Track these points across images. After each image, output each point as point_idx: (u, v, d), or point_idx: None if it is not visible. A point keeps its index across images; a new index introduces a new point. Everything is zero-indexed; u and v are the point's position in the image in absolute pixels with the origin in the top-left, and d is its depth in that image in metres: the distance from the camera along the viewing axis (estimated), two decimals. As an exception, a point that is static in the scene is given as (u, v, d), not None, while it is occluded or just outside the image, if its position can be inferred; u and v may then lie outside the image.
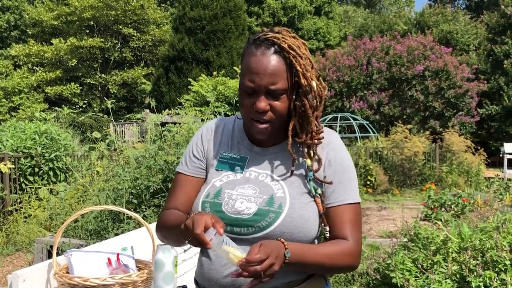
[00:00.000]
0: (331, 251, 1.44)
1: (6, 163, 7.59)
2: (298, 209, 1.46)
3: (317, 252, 1.43)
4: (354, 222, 1.49)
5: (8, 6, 31.06)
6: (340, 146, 1.56)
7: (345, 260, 1.46)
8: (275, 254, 1.30)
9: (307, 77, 1.44)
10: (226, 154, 1.60)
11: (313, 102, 1.47)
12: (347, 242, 1.46)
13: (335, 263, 1.45)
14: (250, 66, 1.44)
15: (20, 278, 2.08)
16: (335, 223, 1.49)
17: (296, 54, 1.43)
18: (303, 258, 1.39)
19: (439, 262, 3.48)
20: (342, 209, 1.49)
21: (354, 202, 1.51)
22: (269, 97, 1.44)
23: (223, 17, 21.68)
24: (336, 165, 1.52)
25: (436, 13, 24.80)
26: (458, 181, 12.27)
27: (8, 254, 6.69)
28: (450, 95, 18.59)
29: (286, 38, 1.45)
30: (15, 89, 24.50)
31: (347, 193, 1.50)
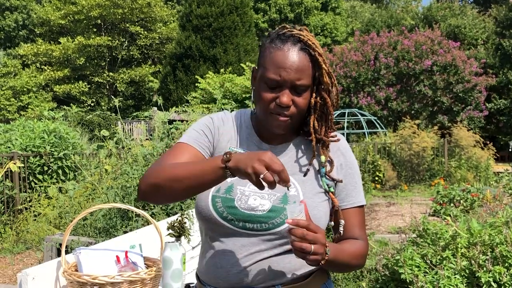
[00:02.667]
0: (354, 251, 1.52)
1: (15, 162, 7.63)
2: (311, 208, 1.45)
3: (346, 252, 1.48)
4: (363, 224, 1.59)
5: (16, 5, 31.22)
6: (349, 150, 1.61)
7: (361, 260, 1.55)
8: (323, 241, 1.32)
9: (331, 75, 1.48)
10: (235, 149, 1.58)
11: (334, 99, 1.51)
12: (362, 243, 1.55)
13: (355, 263, 1.54)
14: (276, 60, 1.44)
15: (29, 276, 2.09)
16: (347, 225, 1.55)
17: (321, 52, 1.48)
18: (338, 257, 1.43)
19: (448, 258, 3.46)
20: (353, 211, 1.57)
21: (363, 204, 1.60)
22: (292, 92, 1.45)
23: (230, 14, 21.67)
24: (347, 168, 1.57)
25: (443, 8, 24.66)
26: (467, 176, 12.22)
27: (19, 252, 6.75)
28: (458, 89, 18.50)
29: (309, 37, 1.49)
30: (24, 88, 24.62)
31: (358, 195, 1.58)
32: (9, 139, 8.62)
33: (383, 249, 4.37)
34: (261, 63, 1.50)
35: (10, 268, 6.13)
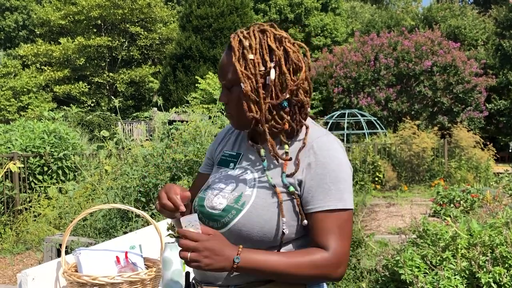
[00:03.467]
0: (298, 261, 1.39)
1: (15, 163, 7.63)
2: (260, 208, 1.43)
3: (279, 260, 1.38)
4: (335, 231, 1.41)
5: (16, 6, 31.22)
6: (325, 150, 1.47)
7: (318, 270, 1.40)
8: (213, 247, 1.34)
9: (237, 67, 1.44)
10: (227, 151, 1.65)
11: (250, 89, 1.44)
12: (321, 252, 1.40)
13: (301, 273, 1.39)
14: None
15: (29, 276, 2.09)
16: (314, 231, 1.43)
17: (243, 46, 1.46)
18: (261, 266, 1.37)
19: (448, 259, 3.46)
20: (321, 216, 1.42)
21: (335, 208, 1.41)
22: (226, 91, 1.51)
23: (230, 15, 21.68)
24: (316, 169, 1.44)
25: (443, 8, 24.66)
26: (467, 177, 12.21)
27: (18, 253, 6.74)
28: (458, 90, 18.51)
29: (243, 33, 1.49)
30: (24, 89, 24.62)
31: (327, 199, 1.42)
32: (9, 139, 8.61)
33: (383, 249, 4.37)
34: None
35: (10, 268, 6.13)
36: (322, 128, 1.57)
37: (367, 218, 8.71)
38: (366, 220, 8.51)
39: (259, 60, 1.46)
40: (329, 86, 19.59)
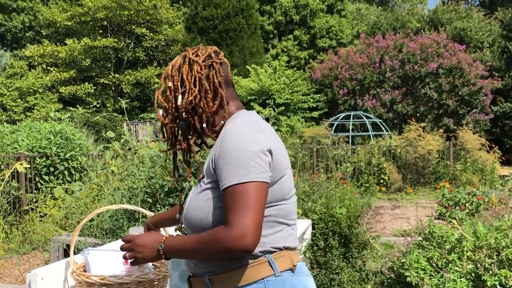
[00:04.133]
0: (203, 238, 1.50)
1: (22, 163, 7.67)
2: (192, 201, 1.63)
3: (186, 239, 1.56)
4: (231, 206, 1.47)
5: (23, 7, 31.34)
6: (227, 132, 1.59)
7: (217, 245, 1.46)
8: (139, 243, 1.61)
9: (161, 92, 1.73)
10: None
11: (165, 112, 1.71)
12: (222, 228, 1.47)
13: (206, 248, 1.48)
14: None
15: (38, 276, 2.11)
16: (223, 209, 1.52)
17: (165, 75, 1.72)
18: (175, 248, 1.56)
19: (454, 261, 3.46)
20: (223, 194, 1.51)
21: (230, 184, 1.49)
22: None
23: (235, 16, 21.68)
24: (219, 152, 1.55)
25: (449, 10, 24.62)
26: (472, 179, 12.19)
27: (25, 253, 6.78)
28: (464, 92, 18.47)
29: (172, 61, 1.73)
30: (30, 89, 24.71)
31: (224, 177, 1.51)
32: (16, 140, 8.66)
33: (388, 252, 4.37)
34: None
35: (16, 268, 6.16)
36: (241, 116, 1.67)
37: (372, 220, 8.70)
38: (371, 222, 8.51)
39: (174, 87, 1.70)
40: (334, 88, 19.59)
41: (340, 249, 4.42)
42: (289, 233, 1.61)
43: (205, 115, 1.66)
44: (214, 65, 1.68)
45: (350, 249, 4.47)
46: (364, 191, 11.71)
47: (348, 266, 4.36)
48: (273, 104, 17.99)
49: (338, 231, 4.51)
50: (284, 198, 1.60)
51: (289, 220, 1.61)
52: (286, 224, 1.60)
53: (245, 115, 1.66)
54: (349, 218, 4.57)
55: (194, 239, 1.54)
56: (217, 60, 1.70)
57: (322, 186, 7.27)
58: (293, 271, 1.59)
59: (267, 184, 1.52)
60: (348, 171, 12.22)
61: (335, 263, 4.30)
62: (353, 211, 4.71)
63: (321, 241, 4.46)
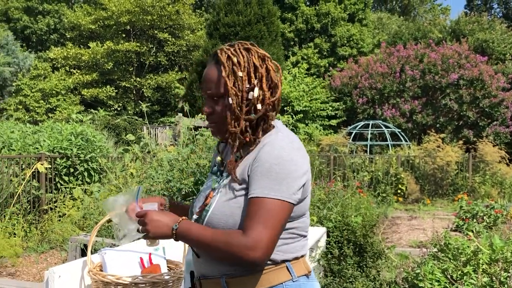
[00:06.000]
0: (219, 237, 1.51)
1: (43, 163, 7.80)
2: (220, 206, 1.59)
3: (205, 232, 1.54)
4: (254, 216, 1.49)
5: (48, 10, 31.84)
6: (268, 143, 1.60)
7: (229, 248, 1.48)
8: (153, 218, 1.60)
9: (227, 83, 1.59)
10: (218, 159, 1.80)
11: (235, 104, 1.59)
12: (238, 233, 1.50)
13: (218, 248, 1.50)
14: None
15: (56, 274, 2.17)
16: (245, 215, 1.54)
17: (232, 63, 1.60)
18: (189, 234, 1.56)
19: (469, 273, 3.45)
20: (249, 201, 1.53)
21: (259, 196, 1.51)
22: (211, 101, 1.65)
23: (257, 23, 21.77)
24: (255, 162, 1.57)
25: (472, 21, 24.40)
26: (491, 192, 12.06)
27: (43, 252, 6.88)
28: (484, 104, 18.28)
29: (231, 50, 1.63)
30: (53, 91, 25.06)
31: (255, 187, 1.53)
32: (38, 140, 8.80)
33: (403, 262, 4.36)
34: None
35: (34, 266, 6.26)
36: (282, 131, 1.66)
37: (388, 231, 8.66)
38: (387, 232, 8.46)
39: (246, 78, 1.61)
40: (353, 96, 19.53)
41: (355, 258, 4.42)
42: (305, 243, 1.68)
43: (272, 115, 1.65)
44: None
45: (364, 258, 4.47)
46: (381, 201, 11.65)
47: (362, 275, 4.36)
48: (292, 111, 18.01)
49: (353, 239, 4.51)
50: (305, 212, 1.67)
51: (306, 232, 1.68)
52: (304, 236, 1.67)
53: (285, 129, 1.69)
54: (364, 227, 4.57)
55: (210, 233, 1.54)
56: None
57: (338, 194, 7.26)
58: (308, 276, 1.65)
59: (293, 206, 1.56)
60: (365, 180, 12.17)
61: (349, 272, 4.30)
62: (369, 220, 4.71)
63: (336, 249, 4.47)
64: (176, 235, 1.58)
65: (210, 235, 1.53)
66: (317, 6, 25.54)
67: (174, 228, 1.57)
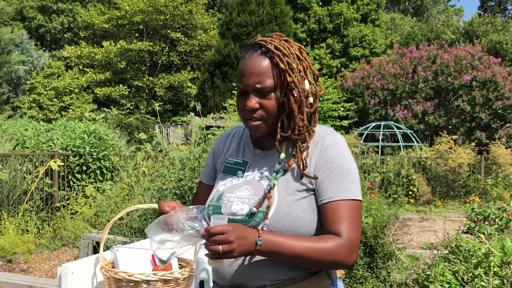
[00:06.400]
0: (317, 246, 1.44)
1: (56, 161, 7.87)
2: (285, 207, 1.50)
3: (299, 244, 1.43)
4: (348, 219, 1.48)
5: (62, 9, 32.11)
6: (333, 143, 1.56)
7: (333, 256, 1.45)
8: (238, 234, 1.38)
9: (291, 74, 1.49)
10: (231, 159, 1.68)
11: (298, 97, 1.50)
12: (336, 239, 1.46)
13: (319, 258, 1.44)
14: (240, 69, 1.54)
15: (69, 270, 2.19)
16: (328, 220, 1.49)
17: (283, 53, 1.50)
18: (280, 248, 1.42)
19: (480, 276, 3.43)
20: (334, 205, 1.49)
21: (347, 198, 1.50)
22: (258, 95, 1.51)
23: (269, 24, 21.79)
24: (327, 163, 1.53)
25: (485, 23, 24.23)
26: (503, 194, 11.96)
27: (55, 249, 6.95)
28: (497, 106, 18.13)
29: (274, 40, 1.52)
30: (66, 89, 25.29)
31: (339, 189, 1.50)
32: (51, 138, 8.89)
33: (414, 264, 4.35)
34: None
35: (46, 263, 6.32)
36: (327, 127, 1.64)
37: (399, 232, 8.63)
38: (398, 233, 8.44)
39: (301, 69, 1.53)
40: (365, 97, 19.48)
41: (365, 259, 4.42)
42: None
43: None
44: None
45: (375, 259, 4.47)
46: (392, 202, 11.60)
47: (373, 276, 4.36)
48: (304, 112, 17.96)
49: (364, 240, 4.51)
50: None
51: None
52: None
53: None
54: (375, 228, 4.56)
55: (302, 242, 1.45)
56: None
57: (349, 195, 7.22)
58: (340, 279, 1.67)
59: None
60: (376, 181, 12.13)
61: (359, 273, 4.30)
62: (380, 222, 4.70)
63: (346, 250, 4.46)
64: (259, 250, 1.42)
65: (302, 244, 1.44)
66: (329, 7, 25.51)
67: (258, 243, 1.41)
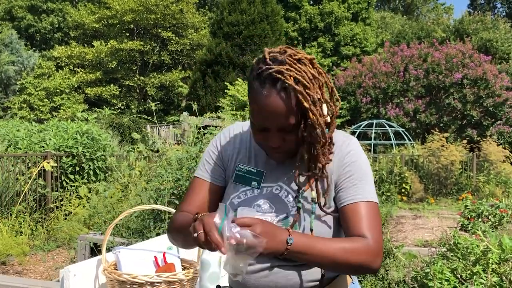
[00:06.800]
0: (345, 247, 1.40)
1: (49, 162, 7.82)
2: (319, 227, 1.48)
3: (329, 245, 1.39)
4: (371, 220, 1.45)
5: (52, 9, 31.92)
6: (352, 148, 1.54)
7: (361, 258, 1.41)
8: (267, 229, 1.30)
9: (314, 113, 1.40)
10: (243, 167, 1.58)
11: (321, 135, 1.44)
12: (365, 240, 1.42)
13: (348, 259, 1.40)
14: (258, 107, 1.41)
15: (71, 272, 2.18)
16: (350, 222, 1.46)
17: (304, 86, 1.39)
18: (311, 248, 1.37)
19: (478, 273, 3.45)
20: (353, 207, 1.46)
21: (368, 200, 1.47)
22: (281, 133, 1.43)
23: (260, 22, 21.80)
24: (345, 167, 1.50)
25: (475, 21, 24.38)
26: (495, 191, 12.03)
27: (49, 250, 6.90)
28: (488, 103, 18.25)
29: (291, 69, 1.39)
30: (57, 90, 25.16)
31: (358, 192, 1.48)
32: (43, 138, 8.83)
33: (411, 261, 4.37)
34: (249, 103, 1.47)
35: (41, 264, 6.28)
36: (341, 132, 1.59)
37: (393, 230, 8.66)
38: (392, 231, 8.46)
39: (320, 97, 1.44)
40: (357, 95, 19.54)
41: (363, 257, 4.41)
42: None
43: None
44: None
45: (372, 258, 4.46)
46: (385, 200, 11.64)
47: (371, 274, 4.36)
48: (296, 110, 17.98)
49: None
50: None
51: None
52: None
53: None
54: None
55: (331, 243, 1.41)
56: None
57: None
58: (357, 277, 1.69)
59: None
60: (369, 179, 12.15)
61: (357, 271, 4.29)
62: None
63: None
64: (289, 250, 1.35)
65: (331, 245, 1.40)
66: (320, 5, 25.56)
67: (289, 242, 1.34)
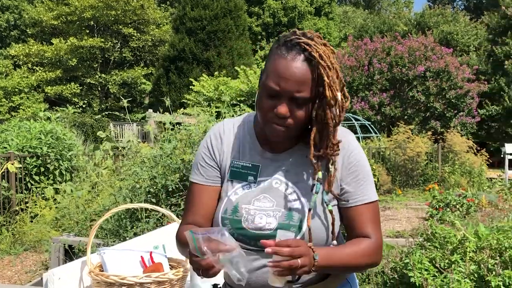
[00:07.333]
0: (356, 251, 1.46)
1: (13, 163, 7.58)
2: (322, 220, 1.49)
3: (343, 253, 1.45)
4: (374, 220, 1.52)
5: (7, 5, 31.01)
6: (354, 147, 1.54)
7: (369, 258, 1.49)
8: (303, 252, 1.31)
9: (333, 89, 1.40)
10: (238, 162, 1.55)
11: (336, 113, 1.43)
12: (370, 240, 1.49)
13: (359, 263, 1.47)
14: (278, 69, 1.39)
15: (55, 276, 2.09)
16: (356, 223, 1.51)
17: (326, 64, 1.39)
18: (331, 261, 1.41)
19: (456, 262, 3.49)
20: (361, 208, 1.51)
21: (372, 200, 1.53)
22: (291, 103, 1.40)
23: (224, 17, 21.70)
24: (351, 166, 1.51)
25: (436, 14, 24.86)
26: (460, 181, 12.30)
27: (16, 254, 6.69)
28: (451, 95, 18.64)
29: (318, 46, 1.40)
30: (15, 89, 24.49)
31: (365, 192, 1.51)
32: (5, 139, 8.55)
33: (389, 252, 4.40)
34: (266, 68, 1.45)
35: (8, 269, 6.08)
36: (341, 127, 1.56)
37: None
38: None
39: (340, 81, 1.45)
40: (322, 90, 19.65)
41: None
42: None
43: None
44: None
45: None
46: (354, 192, 11.75)
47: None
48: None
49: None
50: None
51: None
52: None
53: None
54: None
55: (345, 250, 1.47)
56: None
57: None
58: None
59: None
60: (337, 172, 12.24)
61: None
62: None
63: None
64: (316, 267, 1.37)
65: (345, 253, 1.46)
66: (283, 0, 25.62)
67: (315, 258, 1.36)
